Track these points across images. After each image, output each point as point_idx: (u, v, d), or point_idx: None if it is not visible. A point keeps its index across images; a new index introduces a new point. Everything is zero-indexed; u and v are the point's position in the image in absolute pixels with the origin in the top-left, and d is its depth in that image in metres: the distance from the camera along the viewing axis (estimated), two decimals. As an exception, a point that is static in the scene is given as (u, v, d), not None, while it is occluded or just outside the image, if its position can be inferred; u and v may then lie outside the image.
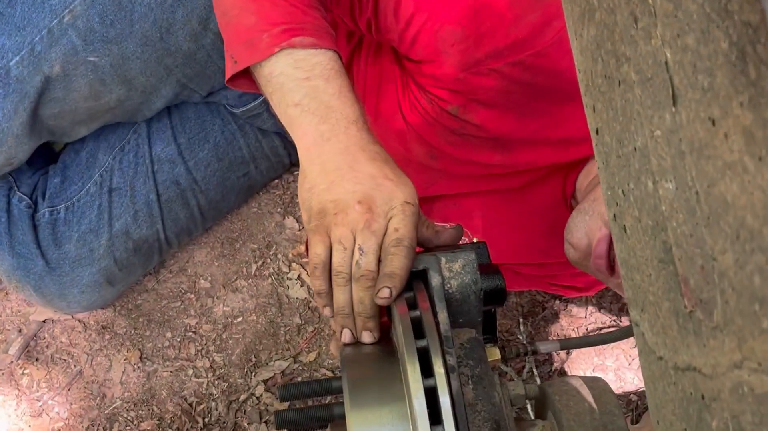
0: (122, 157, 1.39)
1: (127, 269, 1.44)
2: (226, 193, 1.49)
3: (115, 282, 1.45)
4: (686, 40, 0.39)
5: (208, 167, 1.43)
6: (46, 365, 1.50)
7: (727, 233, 0.37)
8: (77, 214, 1.39)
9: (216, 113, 1.43)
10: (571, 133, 1.10)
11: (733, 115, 0.35)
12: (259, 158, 1.49)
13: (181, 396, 1.47)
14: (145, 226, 1.41)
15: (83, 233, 1.38)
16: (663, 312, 0.47)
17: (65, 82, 1.22)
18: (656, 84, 0.43)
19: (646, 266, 0.48)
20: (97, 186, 1.39)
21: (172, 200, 1.42)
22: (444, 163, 1.15)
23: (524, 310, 1.52)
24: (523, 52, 0.98)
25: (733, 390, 0.39)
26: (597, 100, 0.53)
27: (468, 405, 0.62)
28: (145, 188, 1.39)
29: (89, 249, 1.39)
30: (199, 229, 1.52)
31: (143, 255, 1.45)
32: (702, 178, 0.39)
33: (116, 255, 1.40)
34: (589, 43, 0.53)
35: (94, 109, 1.30)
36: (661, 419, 0.50)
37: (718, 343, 0.40)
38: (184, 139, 1.41)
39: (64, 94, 1.24)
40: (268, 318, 1.52)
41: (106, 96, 1.27)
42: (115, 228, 1.39)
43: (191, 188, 1.43)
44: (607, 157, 0.53)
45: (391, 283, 0.66)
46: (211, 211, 1.49)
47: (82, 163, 1.41)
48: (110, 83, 1.25)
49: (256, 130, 1.46)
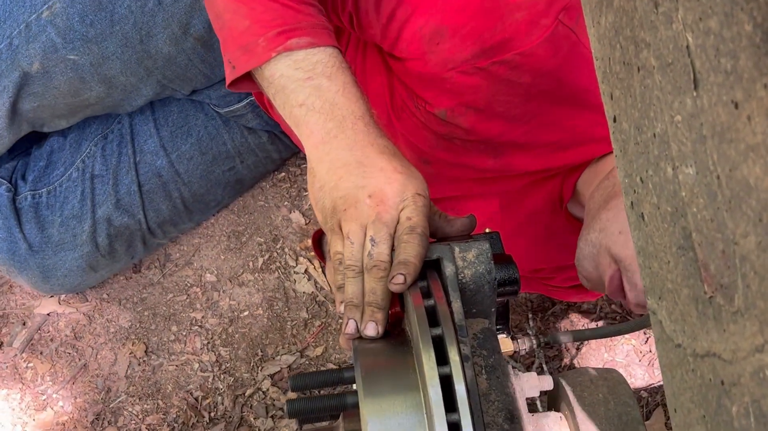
0: (105, 144, 1.40)
1: (110, 256, 1.45)
2: (211, 186, 1.49)
3: (98, 268, 1.46)
4: (709, 24, 0.38)
5: (191, 160, 1.44)
6: (51, 358, 1.50)
7: (749, 216, 0.37)
8: (59, 198, 1.40)
9: (199, 108, 1.43)
10: (562, 137, 1.09)
11: (756, 97, 0.35)
12: (245, 153, 1.49)
13: (187, 390, 1.47)
14: (127, 215, 1.42)
15: (66, 218, 1.39)
16: (682, 299, 0.47)
17: (44, 79, 1.23)
18: (677, 69, 0.43)
19: (665, 253, 0.48)
20: (79, 172, 1.40)
21: (153, 191, 1.43)
22: (437, 167, 1.15)
23: (534, 305, 1.52)
24: (510, 51, 0.96)
25: (754, 375, 0.39)
26: (615, 87, 0.53)
27: (482, 395, 0.62)
28: (128, 178, 1.40)
29: (72, 235, 1.40)
30: (185, 221, 1.52)
31: (126, 242, 1.45)
32: (724, 161, 0.39)
33: (99, 241, 1.41)
34: (607, 30, 0.53)
35: (74, 105, 1.30)
36: (678, 407, 0.50)
37: (739, 328, 0.40)
38: (167, 132, 1.41)
39: (43, 90, 1.25)
40: (274, 312, 1.52)
41: (85, 93, 1.28)
42: (98, 215, 1.40)
43: (174, 180, 1.43)
44: (625, 144, 0.52)
45: (405, 270, 0.66)
46: (196, 203, 1.49)
47: (65, 149, 1.42)
48: (90, 81, 1.25)
49: (242, 126, 1.46)
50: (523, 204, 1.20)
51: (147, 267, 1.57)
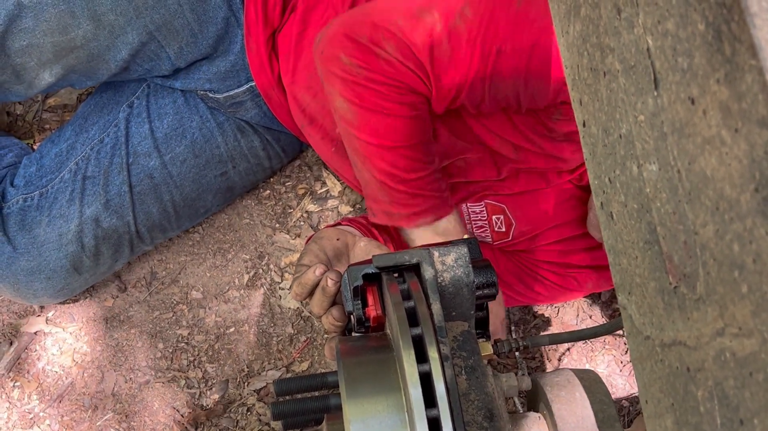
0: (100, 148, 1.41)
1: (95, 257, 1.44)
2: (202, 191, 1.50)
3: (82, 270, 1.45)
4: (666, 26, 0.41)
5: (185, 163, 1.44)
6: (38, 377, 1.50)
7: (707, 206, 0.39)
8: (50, 199, 1.40)
9: (195, 110, 1.44)
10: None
11: (710, 92, 0.37)
12: (238, 158, 1.50)
13: (174, 407, 1.47)
14: (116, 216, 1.42)
15: (53, 217, 1.40)
16: (649, 292, 0.49)
17: (36, 11, 1.24)
18: (639, 71, 0.45)
19: (633, 249, 0.50)
20: (71, 173, 1.41)
21: (144, 193, 1.43)
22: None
23: (515, 318, 1.54)
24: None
25: (716, 358, 0.41)
26: (583, 92, 0.55)
27: (462, 394, 0.63)
28: (119, 178, 1.40)
29: (58, 234, 1.40)
30: (173, 228, 1.52)
31: (112, 245, 1.45)
32: (683, 156, 0.41)
33: (85, 241, 1.41)
34: (575, 38, 0.55)
35: (60, 47, 1.30)
36: (649, 398, 0.52)
37: (702, 314, 0.42)
38: (161, 134, 1.42)
39: (33, 24, 1.26)
40: (260, 328, 1.53)
41: (73, 31, 1.29)
42: (86, 215, 1.40)
43: (166, 183, 1.44)
44: (594, 147, 0.55)
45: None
46: (186, 208, 1.50)
47: (62, 154, 1.43)
48: (80, 16, 1.27)
49: (236, 129, 1.47)
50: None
51: (133, 286, 1.57)
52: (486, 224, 1.34)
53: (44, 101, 1.68)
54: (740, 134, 0.35)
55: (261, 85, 1.37)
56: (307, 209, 1.61)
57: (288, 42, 1.33)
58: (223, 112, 1.45)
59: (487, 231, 1.34)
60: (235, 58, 1.38)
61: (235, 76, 1.39)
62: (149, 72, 1.39)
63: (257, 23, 1.34)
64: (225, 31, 1.36)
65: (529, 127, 1.19)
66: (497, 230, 1.33)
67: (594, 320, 1.55)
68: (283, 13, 1.35)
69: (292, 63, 1.32)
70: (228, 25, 1.36)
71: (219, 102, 1.42)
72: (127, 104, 1.44)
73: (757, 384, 0.36)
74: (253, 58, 1.36)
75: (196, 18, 1.32)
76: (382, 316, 0.70)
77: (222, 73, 1.39)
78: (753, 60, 0.32)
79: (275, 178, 1.64)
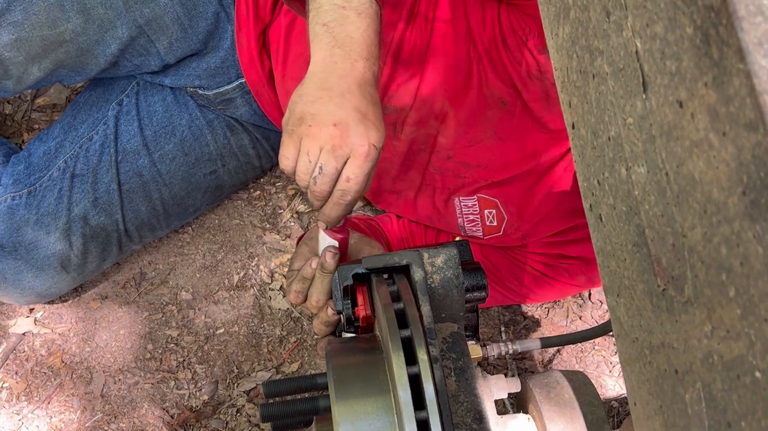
0: (89, 146, 1.40)
1: (83, 256, 1.44)
2: (191, 189, 1.49)
3: (70, 269, 1.44)
4: (655, 29, 0.41)
5: (174, 161, 1.44)
6: (26, 378, 1.50)
7: (695, 209, 0.39)
8: (38, 197, 1.39)
9: (184, 108, 1.43)
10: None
11: (698, 95, 0.37)
12: (227, 156, 1.49)
13: (163, 407, 1.47)
14: (104, 214, 1.41)
15: (41, 215, 1.39)
16: (638, 295, 0.49)
17: (25, 4, 1.24)
18: (628, 74, 0.45)
19: (621, 251, 0.50)
20: (60, 171, 1.40)
21: (133, 191, 1.42)
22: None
23: (506, 319, 1.54)
24: None
25: (704, 360, 0.41)
26: (573, 95, 0.55)
27: (451, 396, 0.63)
28: (108, 176, 1.40)
29: (46, 232, 1.39)
30: (162, 226, 1.52)
31: (101, 243, 1.44)
32: (671, 158, 0.41)
33: (72, 239, 1.40)
34: (564, 41, 0.55)
35: (49, 40, 1.29)
36: (638, 400, 0.52)
37: (689, 317, 0.42)
38: (151, 132, 1.42)
39: (22, 18, 1.25)
40: (250, 329, 1.53)
41: (62, 25, 1.28)
42: (74, 213, 1.39)
43: (155, 181, 1.43)
44: (583, 149, 0.55)
45: (325, 222, 0.88)
46: (174, 207, 1.49)
47: (51, 152, 1.42)
48: (69, 10, 1.26)
49: (225, 127, 1.46)
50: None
51: (122, 287, 1.57)
52: (478, 218, 1.33)
53: (33, 101, 1.67)
54: (728, 137, 0.35)
55: (251, 81, 1.37)
56: (297, 210, 1.61)
57: (278, 34, 1.32)
58: (213, 109, 1.45)
59: (478, 226, 1.33)
60: (225, 54, 1.37)
61: (225, 73, 1.38)
62: (139, 68, 1.39)
63: (248, 19, 1.34)
64: (215, 27, 1.36)
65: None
66: (489, 224, 1.33)
67: (584, 321, 1.55)
68: (273, 8, 1.35)
69: (282, 54, 1.32)
70: (218, 20, 1.35)
71: (209, 99, 1.42)
72: (116, 102, 1.43)
73: (745, 386, 0.36)
74: (244, 55, 1.35)
75: (186, 12, 1.32)
76: (371, 317, 0.70)
77: (212, 70, 1.38)
78: (741, 64, 0.33)
79: (265, 179, 1.64)
